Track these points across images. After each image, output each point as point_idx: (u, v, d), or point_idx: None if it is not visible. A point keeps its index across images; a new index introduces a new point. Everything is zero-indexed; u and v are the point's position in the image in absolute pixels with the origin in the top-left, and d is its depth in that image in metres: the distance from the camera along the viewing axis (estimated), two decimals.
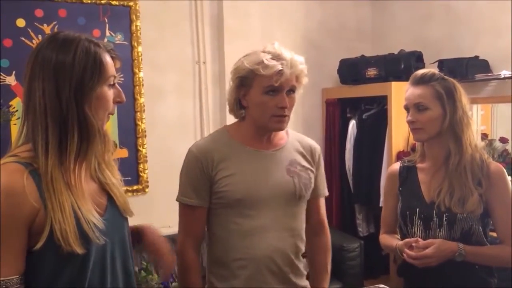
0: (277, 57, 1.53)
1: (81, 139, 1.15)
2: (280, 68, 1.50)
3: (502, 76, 2.98)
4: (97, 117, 1.18)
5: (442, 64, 3.22)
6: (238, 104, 1.63)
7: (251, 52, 1.59)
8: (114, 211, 1.28)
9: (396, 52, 3.55)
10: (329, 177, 3.92)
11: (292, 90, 1.58)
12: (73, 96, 1.13)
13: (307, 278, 1.78)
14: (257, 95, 1.55)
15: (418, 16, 3.78)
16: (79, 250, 1.10)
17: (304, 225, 1.72)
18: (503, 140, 3.40)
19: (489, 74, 3.11)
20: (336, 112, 3.92)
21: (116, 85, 1.25)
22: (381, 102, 3.59)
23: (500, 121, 3.55)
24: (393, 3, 4.03)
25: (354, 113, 3.85)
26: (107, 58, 1.20)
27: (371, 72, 3.59)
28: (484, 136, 3.52)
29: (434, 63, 3.29)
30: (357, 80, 3.72)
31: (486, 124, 3.60)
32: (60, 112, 1.12)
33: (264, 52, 1.56)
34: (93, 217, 1.16)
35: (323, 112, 4.04)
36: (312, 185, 1.71)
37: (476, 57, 3.23)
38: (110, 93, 1.22)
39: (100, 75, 1.17)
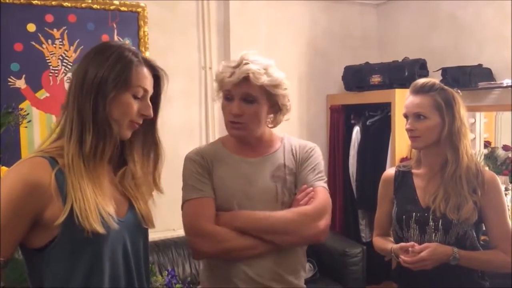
0: (237, 65, 1.55)
1: (97, 137, 1.20)
2: (227, 76, 1.53)
3: (505, 85, 2.99)
4: (115, 121, 1.23)
5: (445, 72, 3.24)
6: None
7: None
8: (133, 219, 1.30)
9: (400, 60, 3.59)
10: (333, 182, 3.96)
11: (248, 99, 1.55)
12: (94, 94, 1.19)
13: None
14: (222, 100, 1.62)
15: (423, 25, 3.81)
16: (100, 229, 1.13)
17: None
18: (506, 148, 3.42)
19: (492, 82, 3.12)
20: (341, 118, 3.95)
21: (148, 99, 1.28)
22: (385, 109, 3.63)
23: (504, 129, 3.56)
24: (399, 12, 4.06)
25: (358, 119, 3.88)
26: (140, 69, 1.25)
27: (375, 79, 3.62)
28: (487, 144, 3.54)
29: (437, 71, 3.32)
30: (362, 87, 3.75)
31: (489, 132, 3.61)
32: (83, 106, 1.18)
33: (236, 59, 1.58)
34: (110, 207, 1.20)
35: (327, 118, 4.08)
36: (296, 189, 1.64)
37: (480, 65, 3.25)
38: (132, 102, 1.24)
39: (125, 82, 1.21)
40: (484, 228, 1.83)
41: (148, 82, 1.28)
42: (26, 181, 1.11)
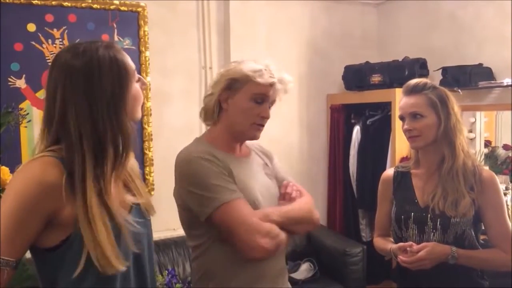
0: (269, 71, 1.58)
1: (118, 148, 1.18)
2: (274, 81, 1.56)
3: (505, 84, 2.99)
4: (137, 113, 1.24)
5: (446, 71, 3.24)
6: (217, 107, 1.62)
7: (245, 60, 1.62)
8: (139, 211, 1.30)
9: (400, 59, 3.58)
10: (333, 182, 3.96)
11: (271, 104, 1.63)
12: (111, 109, 1.16)
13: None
14: (244, 101, 1.57)
15: (423, 25, 3.81)
16: (121, 266, 1.14)
17: None
18: (506, 147, 3.42)
19: (492, 81, 3.12)
20: (341, 118, 3.95)
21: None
22: (385, 108, 3.63)
23: (504, 128, 3.56)
24: (399, 11, 4.07)
25: (359, 119, 3.88)
26: (123, 56, 1.22)
27: (376, 78, 3.62)
28: (487, 143, 3.54)
29: (437, 70, 3.32)
30: (362, 86, 3.75)
31: (489, 131, 3.61)
32: (96, 131, 1.15)
33: (258, 63, 1.60)
34: (130, 225, 1.19)
35: (327, 117, 4.08)
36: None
37: (480, 64, 3.25)
38: (138, 87, 1.26)
39: (129, 76, 1.21)
40: (483, 227, 1.83)
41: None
42: (41, 180, 1.09)
